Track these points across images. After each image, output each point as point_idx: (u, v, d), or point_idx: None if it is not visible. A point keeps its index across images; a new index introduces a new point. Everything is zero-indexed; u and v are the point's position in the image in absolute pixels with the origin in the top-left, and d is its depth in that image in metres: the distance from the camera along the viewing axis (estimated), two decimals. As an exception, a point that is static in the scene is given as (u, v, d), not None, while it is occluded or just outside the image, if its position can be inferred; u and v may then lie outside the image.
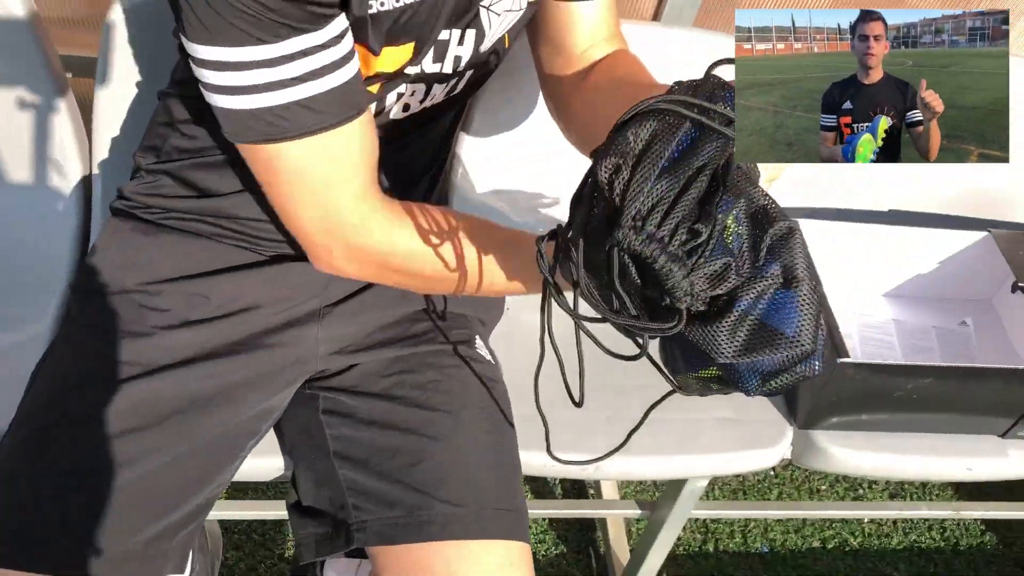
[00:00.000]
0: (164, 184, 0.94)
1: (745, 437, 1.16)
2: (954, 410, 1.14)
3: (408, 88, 0.85)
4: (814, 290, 0.62)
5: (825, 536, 1.74)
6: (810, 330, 0.61)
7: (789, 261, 0.62)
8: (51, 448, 0.83)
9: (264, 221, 0.91)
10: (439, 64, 0.84)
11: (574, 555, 1.66)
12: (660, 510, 1.37)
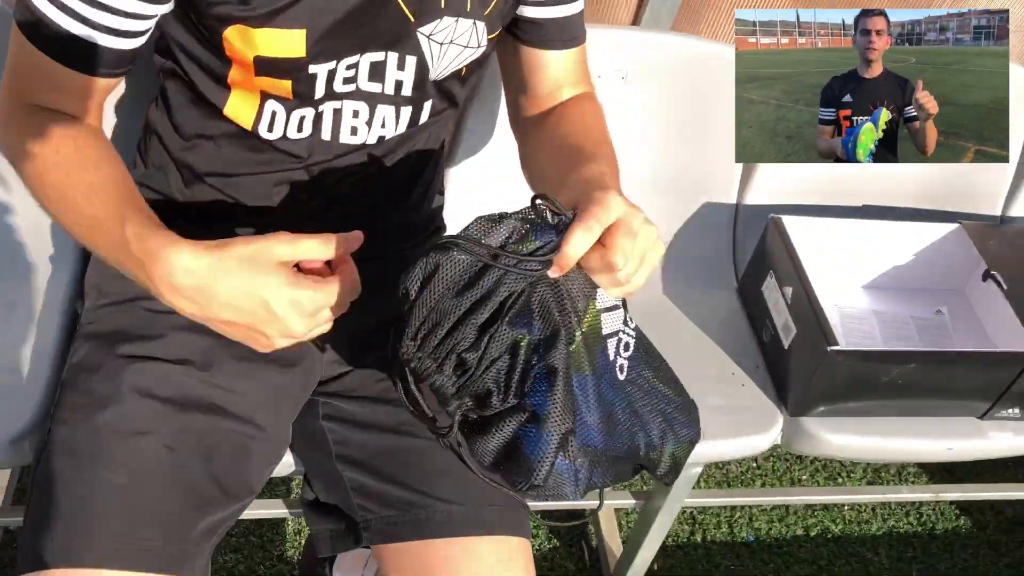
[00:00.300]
0: (156, 181, 0.97)
1: (739, 424, 1.21)
2: (936, 394, 1.20)
3: (348, 106, 0.89)
4: (559, 433, 0.71)
5: (808, 524, 1.80)
6: (544, 468, 0.70)
7: (540, 401, 0.70)
8: (97, 463, 0.85)
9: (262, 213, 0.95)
10: (378, 84, 0.88)
11: (567, 548, 1.69)
12: (654, 500, 1.42)
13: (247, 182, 0.95)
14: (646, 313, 1.32)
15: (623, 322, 0.80)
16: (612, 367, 0.78)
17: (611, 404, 0.78)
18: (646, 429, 0.83)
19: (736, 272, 1.39)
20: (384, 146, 0.95)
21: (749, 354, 1.28)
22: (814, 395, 1.18)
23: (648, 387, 0.83)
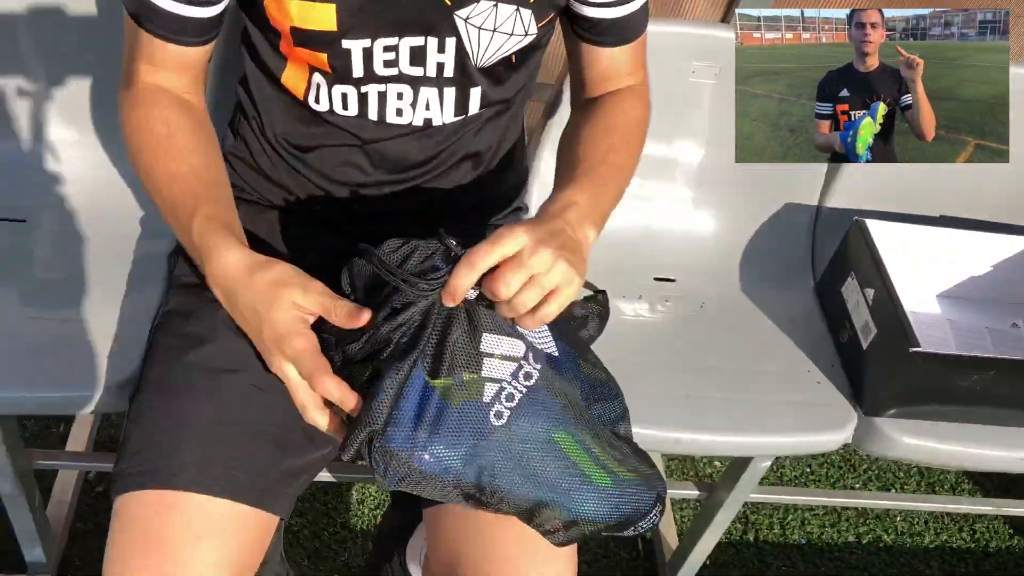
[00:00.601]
0: (241, 150, 1.04)
1: (812, 420, 1.22)
2: (1012, 404, 1.21)
3: (392, 89, 0.92)
4: (366, 428, 0.77)
5: (860, 532, 1.81)
6: (351, 450, 0.78)
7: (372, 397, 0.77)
8: (189, 396, 0.90)
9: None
10: (420, 68, 0.91)
11: (621, 537, 1.71)
12: (718, 491, 1.44)
13: (313, 157, 0.99)
14: (722, 309, 1.35)
15: (512, 375, 0.80)
16: (485, 409, 0.79)
17: (474, 443, 0.79)
18: (524, 479, 0.82)
19: (814, 272, 1.40)
20: (440, 132, 0.97)
21: (825, 353, 1.30)
22: (891, 396, 1.20)
23: (542, 447, 0.81)
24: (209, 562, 0.83)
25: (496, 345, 0.80)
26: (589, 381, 0.88)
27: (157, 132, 0.88)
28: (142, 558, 0.82)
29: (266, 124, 1.00)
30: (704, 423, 1.19)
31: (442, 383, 0.79)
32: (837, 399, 1.25)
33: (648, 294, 1.36)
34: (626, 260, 1.37)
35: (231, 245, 0.81)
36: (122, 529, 0.85)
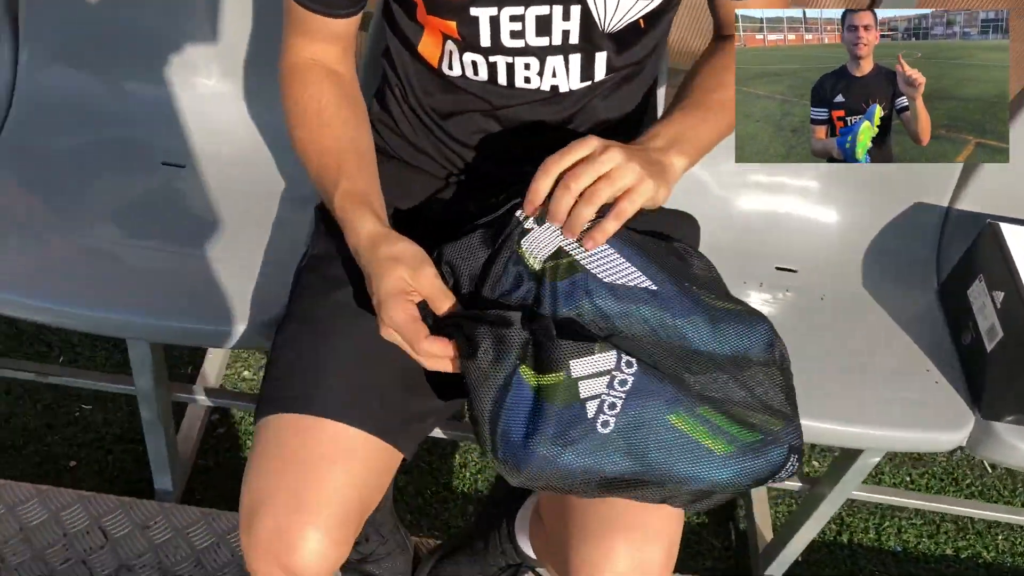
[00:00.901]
0: (386, 119, 1.10)
1: (928, 418, 1.22)
2: None
3: (519, 61, 0.95)
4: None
5: (959, 546, 1.78)
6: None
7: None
8: (332, 331, 0.96)
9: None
10: (545, 37, 0.94)
11: (715, 526, 1.73)
12: (822, 486, 1.44)
13: (451, 124, 1.04)
14: (842, 302, 1.36)
15: (607, 386, 0.83)
16: (591, 422, 0.83)
17: (587, 446, 0.83)
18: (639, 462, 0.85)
19: (938, 274, 1.40)
20: (567, 99, 1.00)
21: (945, 354, 1.29)
22: (1012, 401, 1.19)
23: (657, 432, 0.84)
24: (340, 485, 0.89)
25: (585, 367, 0.84)
26: (712, 311, 0.89)
27: (310, 109, 0.96)
28: (279, 476, 0.88)
29: (408, 92, 1.05)
30: (820, 411, 1.20)
31: (544, 381, 0.83)
32: (955, 400, 1.24)
33: (769, 282, 1.37)
34: (749, 248, 1.39)
35: (365, 217, 0.89)
36: (262, 449, 0.91)
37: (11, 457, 1.65)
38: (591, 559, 0.88)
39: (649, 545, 0.88)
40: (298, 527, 0.86)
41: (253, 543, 0.88)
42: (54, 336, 1.80)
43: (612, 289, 0.88)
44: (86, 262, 1.19)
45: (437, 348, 0.83)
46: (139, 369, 1.31)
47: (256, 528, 0.87)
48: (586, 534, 0.89)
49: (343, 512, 0.89)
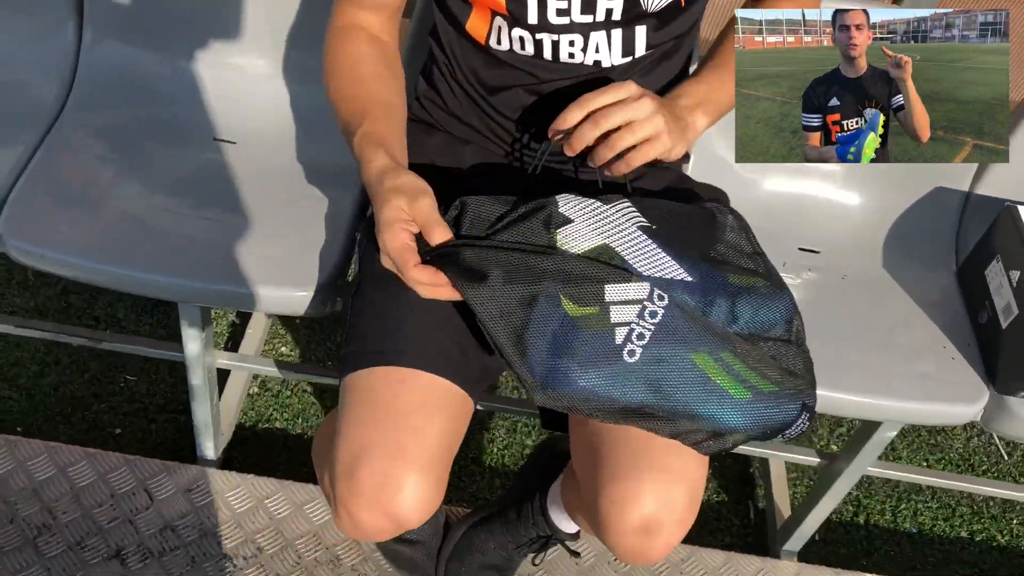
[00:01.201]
0: (432, 96, 1.17)
1: (943, 392, 1.27)
2: None
3: (564, 39, 1.01)
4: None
5: (973, 529, 1.82)
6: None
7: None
8: (408, 290, 0.98)
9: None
10: (590, 15, 1.00)
11: (734, 504, 1.78)
12: (839, 461, 1.49)
13: (498, 100, 1.10)
14: (863, 282, 1.41)
15: (638, 315, 0.90)
16: (618, 351, 0.90)
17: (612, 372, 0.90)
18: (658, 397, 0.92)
19: (957, 256, 1.45)
20: (611, 74, 1.05)
21: (962, 332, 1.34)
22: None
23: (680, 369, 0.91)
24: (435, 431, 0.95)
25: (619, 292, 0.90)
26: (735, 291, 0.95)
27: (345, 63, 1.04)
28: (378, 426, 0.94)
29: (455, 69, 1.12)
30: (839, 382, 1.25)
31: (578, 312, 0.89)
32: (970, 375, 1.29)
33: (792, 263, 1.43)
34: (773, 229, 1.44)
35: (378, 154, 0.95)
36: (357, 401, 0.97)
37: (60, 424, 1.72)
38: (619, 499, 0.93)
39: (674, 486, 0.93)
40: (400, 473, 0.91)
41: (355, 491, 0.92)
42: (102, 311, 1.87)
43: (659, 281, 0.94)
44: (144, 229, 1.26)
45: (425, 276, 0.89)
46: (189, 334, 1.38)
47: (359, 476, 0.92)
48: (614, 476, 0.94)
49: (439, 457, 0.95)
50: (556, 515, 1.33)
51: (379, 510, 0.93)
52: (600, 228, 0.95)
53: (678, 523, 0.94)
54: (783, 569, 1.59)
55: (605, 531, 0.97)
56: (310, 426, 1.78)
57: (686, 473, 0.94)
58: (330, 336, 1.92)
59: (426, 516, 0.95)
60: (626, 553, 0.97)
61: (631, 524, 0.93)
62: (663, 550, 0.95)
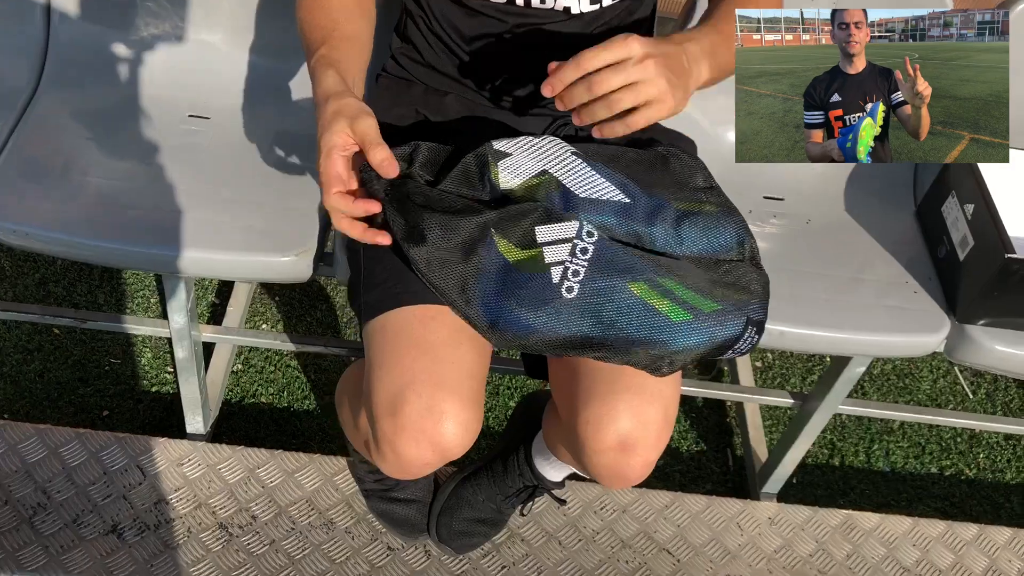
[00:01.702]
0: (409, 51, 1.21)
1: (908, 324, 1.33)
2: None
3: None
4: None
5: (943, 464, 1.89)
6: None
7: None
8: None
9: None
10: None
11: (713, 452, 1.84)
12: (812, 399, 1.55)
13: (474, 49, 1.13)
14: (827, 225, 1.46)
15: (570, 253, 0.94)
16: (556, 288, 0.94)
17: (554, 308, 0.95)
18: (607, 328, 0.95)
19: (915, 197, 1.50)
20: (578, 21, 1.09)
21: (922, 268, 1.40)
22: (984, 304, 1.29)
23: (618, 299, 0.94)
24: (469, 362, 0.98)
25: (549, 233, 0.95)
26: (679, 215, 0.99)
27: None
28: (416, 360, 0.96)
29: (431, 20, 1.15)
30: (807, 319, 1.31)
31: (515, 255, 0.94)
32: (932, 307, 1.35)
33: (757, 211, 1.48)
34: (736, 179, 1.47)
35: (328, 75, 0.96)
36: (391, 341, 0.99)
37: (47, 409, 1.74)
38: (594, 418, 0.98)
39: (648, 405, 0.98)
40: (445, 402, 0.94)
41: (401, 426, 0.95)
42: (81, 298, 1.89)
43: (590, 203, 0.98)
44: (127, 204, 1.28)
45: (342, 204, 0.91)
46: (174, 306, 1.41)
47: (404, 411, 0.94)
48: (590, 398, 0.99)
49: (477, 386, 0.98)
50: (541, 464, 1.37)
51: (425, 441, 0.95)
52: (538, 156, 1.00)
53: (654, 438, 0.98)
54: (763, 509, 1.64)
55: (583, 452, 1.01)
56: (295, 399, 1.81)
57: (659, 392, 0.98)
58: (309, 311, 1.94)
59: (468, 445, 0.98)
60: (605, 473, 1.01)
61: (607, 442, 0.97)
62: (641, 468, 0.99)
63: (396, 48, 1.23)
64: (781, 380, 1.95)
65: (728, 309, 0.96)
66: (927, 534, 1.65)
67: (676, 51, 0.90)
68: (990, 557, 1.64)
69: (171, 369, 1.81)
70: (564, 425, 1.07)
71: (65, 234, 1.24)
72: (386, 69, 1.25)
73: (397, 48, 1.22)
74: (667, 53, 0.89)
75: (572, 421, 1.01)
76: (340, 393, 1.21)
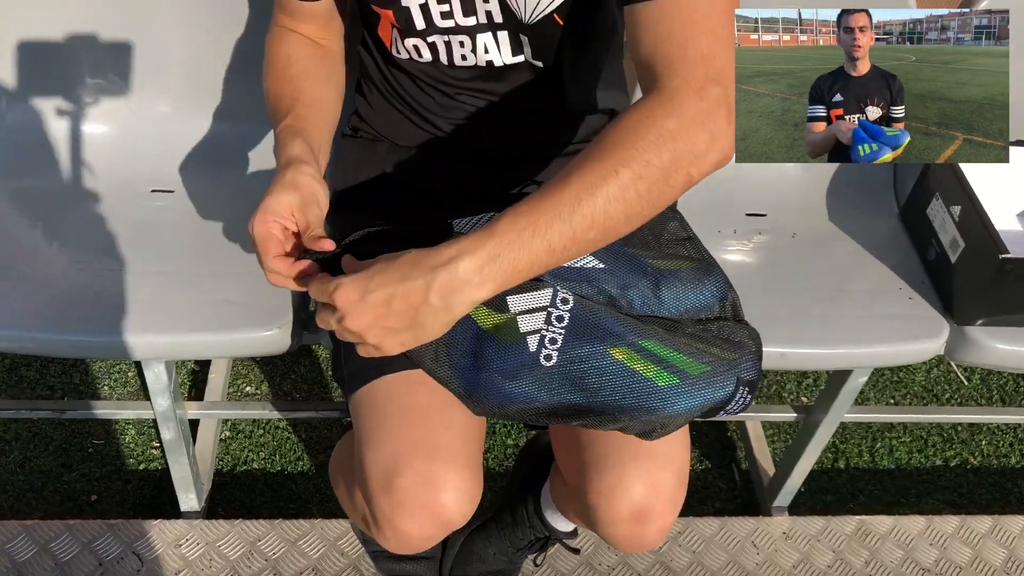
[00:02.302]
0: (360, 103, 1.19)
1: (907, 332, 1.31)
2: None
3: (454, 39, 1.01)
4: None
5: (947, 455, 1.88)
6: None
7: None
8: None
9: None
10: (472, 17, 1.00)
11: (718, 470, 1.81)
12: (816, 412, 1.53)
13: (415, 103, 1.10)
14: (812, 237, 1.44)
15: (546, 321, 0.90)
16: (535, 356, 0.90)
17: (534, 378, 0.91)
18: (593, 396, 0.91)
19: (897, 200, 1.49)
20: (508, 72, 1.05)
21: (914, 272, 1.38)
22: (981, 305, 1.28)
23: (600, 366, 0.90)
24: (463, 425, 0.94)
25: (521, 302, 0.92)
26: (657, 274, 0.95)
27: (280, 63, 1.04)
28: (407, 430, 0.92)
29: (381, 77, 1.12)
30: (806, 338, 1.28)
31: (489, 322, 0.91)
32: (929, 312, 1.33)
33: (742, 229, 1.45)
34: (719, 199, 1.47)
35: (294, 144, 0.94)
36: (378, 409, 0.95)
37: (32, 500, 1.67)
38: (606, 489, 0.94)
39: (659, 471, 0.94)
40: (441, 471, 0.90)
41: (397, 502, 0.91)
42: (56, 380, 1.82)
43: (564, 271, 0.94)
44: (95, 292, 1.23)
45: (283, 267, 0.88)
46: (156, 390, 1.36)
47: (399, 485, 0.90)
48: (599, 468, 0.95)
49: (474, 448, 0.95)
50: (551, 515, 1.33)
51: (424, 515, 0.91)
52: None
53: (669, 504, 0.95)
54: (776, 525, 1.62)
55: (597, 524, 0.98)
56: (288, 462, 1.76)
57: (670, 456, 0.95)
58: (292, 368, 1.89)
59: (470, 513, 0.94)
60: (622, 542, 0.98)
61: (622, 513, 0.94)
62: (658, 534, 0.96)
63: (359, 105, 1.20)
64: (778, 388, 1.93)
65: (718, 370, 0.91)
66: (942, 531, 1.64)
67: (423, 282, 0.77)
68: (1008, 548, 1.63)
69: (157, 444, 1.75)
70: (573, 492, 1.03)
71: (29, 331, 1.18)
72: (352, 128, 1.21)
73: (359, 105, 1.19)
74: (403, 293, 0.77)
75: (582, 491, 0.98)
76: (334, 470, 1.17)
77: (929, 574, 1.58)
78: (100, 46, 1.36)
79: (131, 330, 1.19)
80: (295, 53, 1.05)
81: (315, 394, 1.86)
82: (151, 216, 1.35)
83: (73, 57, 1.36)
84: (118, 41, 1.36)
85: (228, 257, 1.29)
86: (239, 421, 1.80)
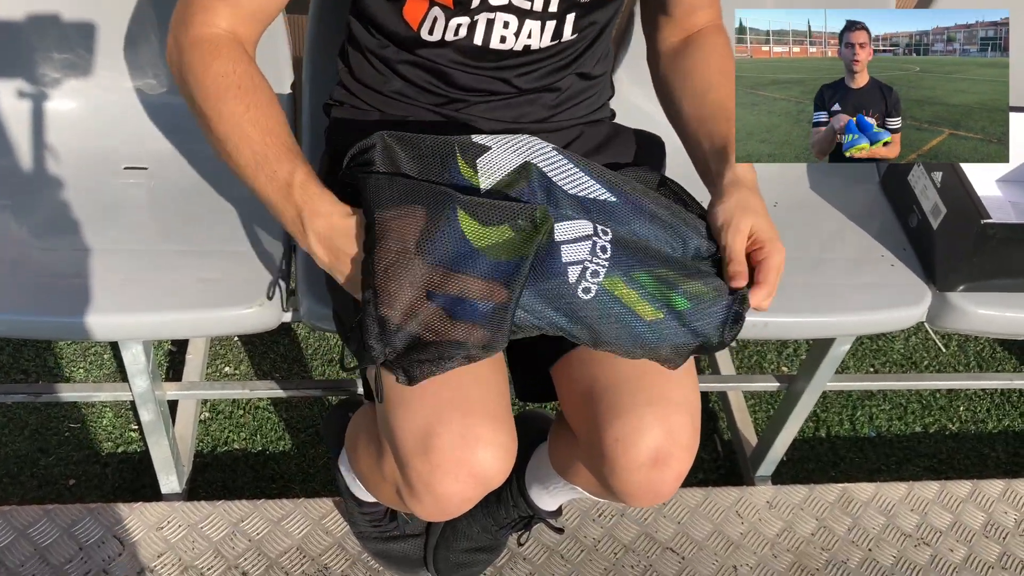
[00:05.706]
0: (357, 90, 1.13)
1: (890, 299, 1.32)
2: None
3: (500, 18, 1.00)
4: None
5: (926, 422, 1.90)
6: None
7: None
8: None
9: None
10: (528, 1, 0.99)
11: (702, 441, 1.81)
12: (798, 381, 1.53)
13: (437, 83, 1.07)
14: (794, 206, 1.44)
15: (590, 252, 0.90)
16: (573, 288, 0.89)
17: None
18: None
19: (878, 169, 1.49)
20: (532, 55, 1.05)
21: (895, 239, 1.38)
22: (963, 270, 1.28)
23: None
24: (490, 379, 0.94)
25: (567, 231, 0.90)
26: (651, 215, 0.97)
27: (243, 84, 0.93)
28: (440, 391, 0.90)
29: (381, 55, 1.07)
30: (789, 306, 1.28)
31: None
32: (911, 279, 1.33)
33: (723, 198, 1.45)
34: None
35: (331, 202, 0.93)
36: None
37: (8, 486, 1.65)
38: (623, 435, 0.93)
39: (676, 414, 0.94)
40: (478, 427, 0.89)
41: (435, 462, 0.89)
42: (30, 363, 1.79)
43: (577, 200, 0.94)
44: (70, 273, 1.20)
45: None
46: (134, 371, 1.33)
47: (436, 445, 0.88)
48: (616, 414, 0.94)
49: (505, 404, 0.94)
50: (536, 494, 1.32)
51: (464, 473, 0.90)
52: (518, 150, 0.95)
53: (686, 451, 0.95)
54: (759, 494, 1.63)
55: (613, 472, 0.96)
56: (269, 441, 1.74)
57: (686, 400, 0.95)
58: (272, 347, 1.87)
59: (508, 470, 0.92)
60: (637, 491, 0.96)
61: (640, 458, 0.93)
62: (674, 482, 0.95)
63: (338, 97, 1.15)
64: (758, 358, 1.94)
65: (705, 303, 0.94)
66: (923, 496, 1.66)
67: (757, 201, 1.02)
68: (987, 511, 1.65)
69: (135, 426, 1.73)
70: (584, 446, 1.02)
71: (8, 313, 1.16)
72: (339, 100, 1.17)
73: (340, 96, 1.15)
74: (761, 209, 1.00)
75: (596, 441, 0.97)
76: (352, 446, 1.14)
77: (911, 539, 1.60)
78: (67, 21, 1.32)
79: (108, 310, 1.16)
80: (250, 72, 0.94)
81: (295, 373, 1.85)
82: (125, 193, 1.32)
83: (41, 32, 1.32)
84: (86, 16, 1.32)
85: (205, 234, 1.26)
86: (219, 402, 1.77)
